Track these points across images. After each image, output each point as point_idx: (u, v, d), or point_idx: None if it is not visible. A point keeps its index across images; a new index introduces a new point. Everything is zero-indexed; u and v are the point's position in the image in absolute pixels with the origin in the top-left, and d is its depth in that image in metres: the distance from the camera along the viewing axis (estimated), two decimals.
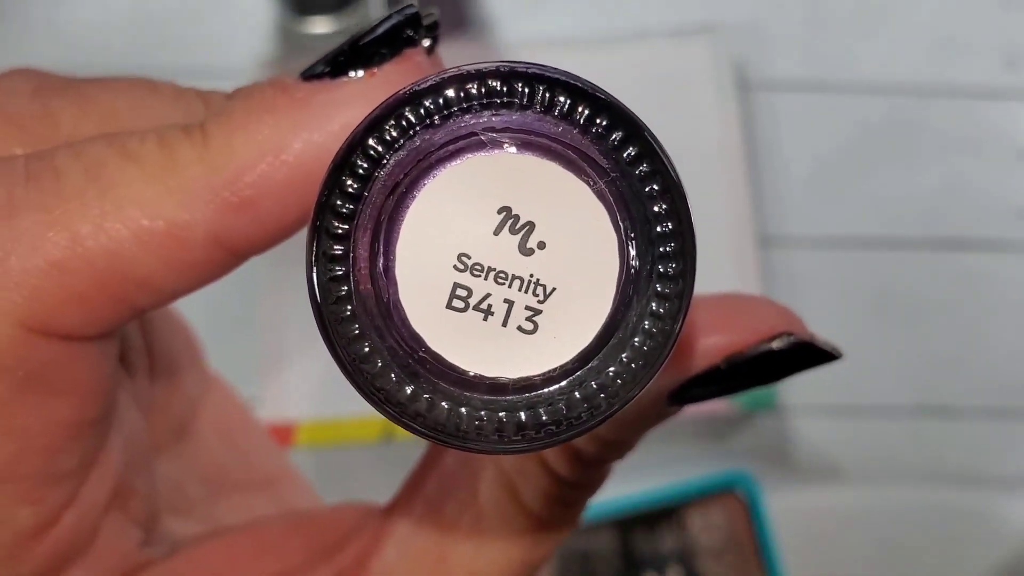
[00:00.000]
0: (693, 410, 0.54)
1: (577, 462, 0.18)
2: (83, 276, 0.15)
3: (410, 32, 0.16)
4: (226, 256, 0.16)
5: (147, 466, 0.20)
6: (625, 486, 0.55)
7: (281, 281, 0.57)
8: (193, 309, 0.25)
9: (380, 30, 0.16)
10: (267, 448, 0.26)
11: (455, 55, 0.18)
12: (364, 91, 0.16)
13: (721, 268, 0.56)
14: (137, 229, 0.15)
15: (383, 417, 0.14)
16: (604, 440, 0.18)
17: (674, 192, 0.14)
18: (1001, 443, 0.58)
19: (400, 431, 0.63)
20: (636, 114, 0.14)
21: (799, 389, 0.58)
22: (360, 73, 0.16)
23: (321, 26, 0.65)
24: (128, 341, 0.20)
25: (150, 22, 0.64)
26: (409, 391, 0.14)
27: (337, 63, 0.16)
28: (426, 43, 0.16)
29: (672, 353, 0.14)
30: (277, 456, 0.26)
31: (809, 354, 0.18)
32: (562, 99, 0.14)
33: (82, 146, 0.16)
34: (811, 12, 0.65)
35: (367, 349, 0.14)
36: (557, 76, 0.14)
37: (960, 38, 0.64)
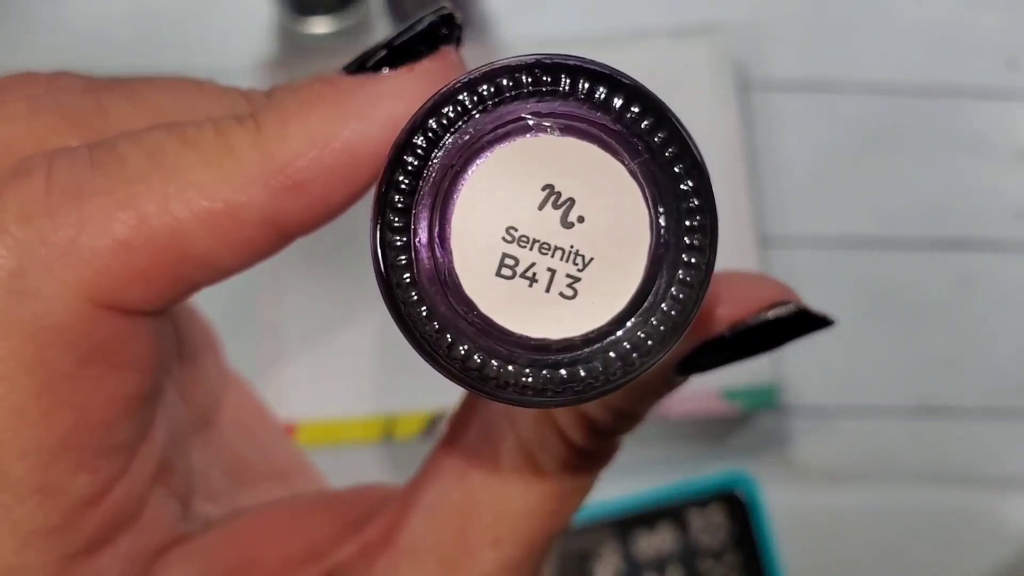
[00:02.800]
0: (693, 410, 0.55)
1: (592, 432, 0.19)
2: (147, 254, 0.16)
3: (445, 31, 0.18)
4: (278, 236, 0.17)
5: (184, 446, 0.21)
6: (625, 486, 0.56)
7: (281, 282, 0.57)
8: None
9: (418, 28, 0.18)
10: (284, 442, 0.27)
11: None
12: (406, 85, 0.17)
13: (721, 267, 0.56)
14: (198, 210, 0.16)
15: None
16: (616, 410, 0.19)
17: (699, 171, 0.15)
18: (1001, 443, 0.59)
19: (400, 431, 0.62)
20: (664, 102, 0.16)
21: (799, 389, 0.58)
22: (399, 68, 0.17)
23: (321, 26, 0.65)
24: None
25: (150, 22, 0.65)
26: (463, 350, 0.15)
27: (378, 59, 0.17)
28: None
29: (696, 318, 0.15)
30: (294, 450, 0.27)
31: (805, 321, 0.19)
32: (601, 88, 0.15)
33: (142, 134, 0.17)
34: (811, 12, 0.65)
35: (425, 313, 0.15)
36: (596, 68, 0.15)
37: (960, 38, 0.64)
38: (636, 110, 0.15)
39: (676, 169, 0.15)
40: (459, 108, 0.15)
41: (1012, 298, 0.61)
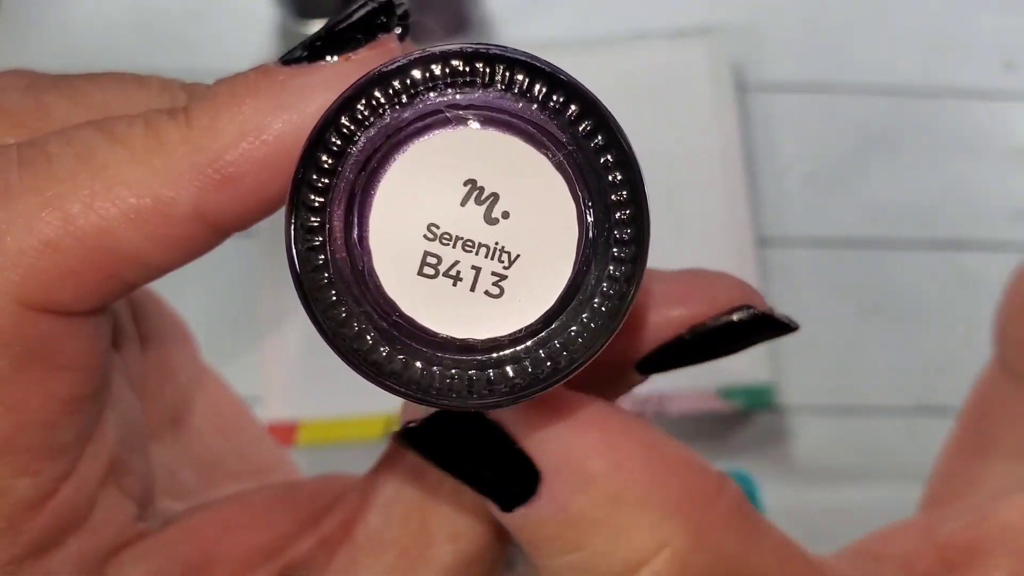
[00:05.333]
0: (690, 409, 0.55)
1: None
2: (75, 253, 0.16)
3: (383, 19, 0.17)
4: (210, 232, 0.17)
5: (142, 445, 0.21)
6: None
7: (282, 281, 0.57)
8: (195, 309, 0.25)
9: (355, 16, 0.17)
10: (260, 439, 0.26)
11: None
12: (340, 74, 0.16)
13: (719, 269, 0.56)
14: (125, 207, 0.16)
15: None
16: None
17: (628, 163, 0.15)
18: None
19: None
20: (591, 90, 0.15)
21: (798, 389, 0.58)
22: (336, 58, 0.17)
23: None
24: (117, 324, 0.21)
25: (151, 25, 0.65)
26: (385, 352, 0.15)
27: (315, 48, 0.17)
28: (398, 30, 0.17)
29: (628, 314, 0.15)
30: (270, 447, 0.27)
31: (767, 326, 0.19)
32: (521, 77, 0.15)
33: (72, 132, 0.16)
34: (809, 14, 0.65)
35: (344, 314, 0.15)
36: (516, 56, 0.15)
37: (958, 40, 0.64)
38: (560, 99, 0.15)
39: (604, 160, 0.15)
40: (373, 102, 0.15)
41: None
